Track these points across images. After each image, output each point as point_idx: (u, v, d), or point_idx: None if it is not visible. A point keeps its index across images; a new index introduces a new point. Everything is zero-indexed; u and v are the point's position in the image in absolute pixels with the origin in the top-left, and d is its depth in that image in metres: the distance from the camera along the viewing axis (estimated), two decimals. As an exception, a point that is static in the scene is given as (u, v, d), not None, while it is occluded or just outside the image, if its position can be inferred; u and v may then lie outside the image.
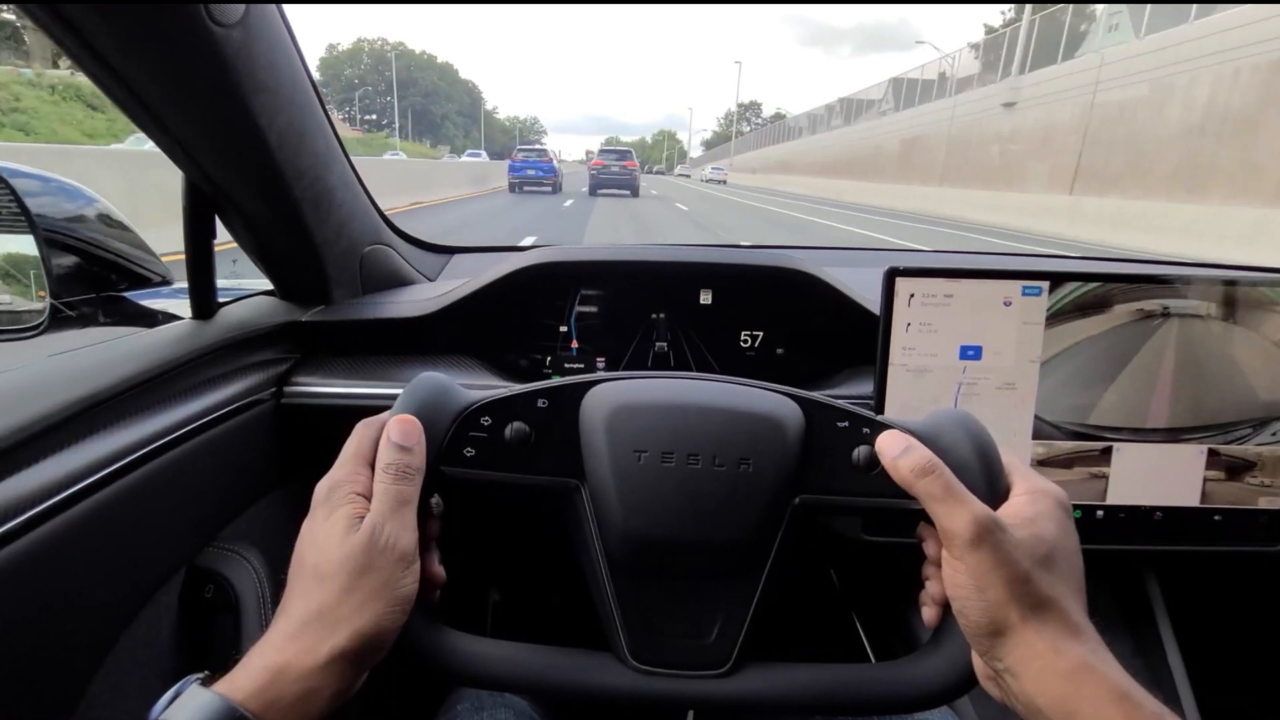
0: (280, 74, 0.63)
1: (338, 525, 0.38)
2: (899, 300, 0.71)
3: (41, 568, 0.45)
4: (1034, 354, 0.71)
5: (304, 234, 0.76)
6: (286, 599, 0.38)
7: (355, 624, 0.36)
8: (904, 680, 0.43)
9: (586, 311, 0.89)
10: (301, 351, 0.84)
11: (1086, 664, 0.35)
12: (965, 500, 0.38)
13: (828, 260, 0.98)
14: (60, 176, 0.76)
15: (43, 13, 0.46)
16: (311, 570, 0.38)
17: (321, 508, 0.39)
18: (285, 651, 0.35)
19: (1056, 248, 9.82)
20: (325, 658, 0.35)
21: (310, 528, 0.39)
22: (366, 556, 0.37)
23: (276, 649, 0.35)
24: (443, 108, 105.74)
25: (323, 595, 0.37)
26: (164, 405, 0.61)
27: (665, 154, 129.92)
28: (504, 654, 0.43)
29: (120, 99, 0.55)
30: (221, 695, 0.33)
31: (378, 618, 0.37)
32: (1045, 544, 0.38)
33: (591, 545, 0.44)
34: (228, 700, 0.33)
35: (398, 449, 0.40)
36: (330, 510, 0.39)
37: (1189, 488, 0.74)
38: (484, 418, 0.43)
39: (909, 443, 0.41)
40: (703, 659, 0.44)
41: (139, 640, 0.56)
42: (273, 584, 0.69)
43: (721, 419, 0.43)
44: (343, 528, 0.38)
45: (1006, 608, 0.36)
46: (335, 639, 0.36)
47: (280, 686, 0.34)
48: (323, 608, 0.36)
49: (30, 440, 0.48)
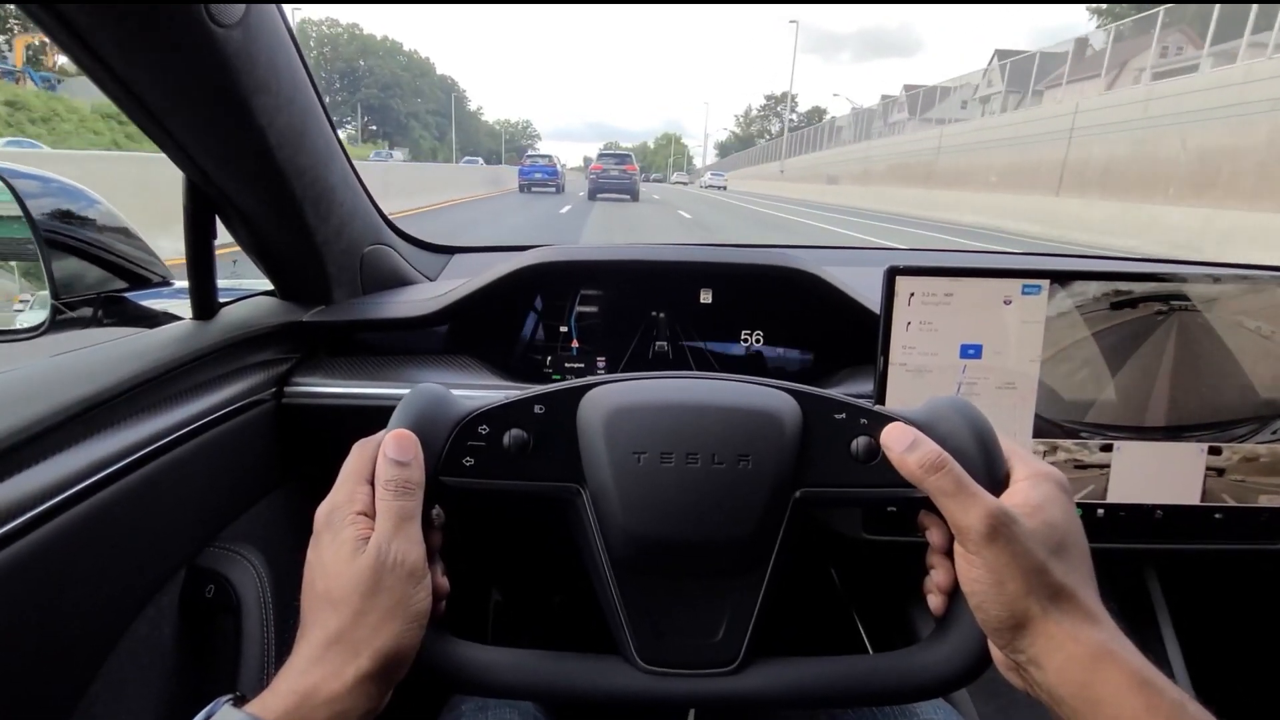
0: (280, 74, 0.63)
1: (344, 549, 0.38)
2: (899, 299, 0.71)
3: (43, 568, 0.45)
4: (1034, 353, 0.71)
5: (304, 234, 0.76)
6: (304, 626, 0.38)
7: (375, 645, 0.36)
8: (913, 669, 0.43)
9: (586, 311, 0.89)
10: (302, 351, 0.84)
11: (1107, 650, 0.35)
12: (976, 495, 0.38)
13: (828, 260, 0.98)
14: (61, 177, 0.76)
15: (43, 13, 0.46)
16: (323, 596, 0.37)
17: (325, 533, 0.39)
18: (311, 675, 0.35)
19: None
20: (352, 680, 0.35)
21: (316, 554, 0.39)
22: (376, 577, 0.37)
23: (302, 673, 0.35)
24: (409, 105, 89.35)
25: (339, 620, 0.36)
26: (165, 405, 0.61)
27: (671, 159, 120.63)
28: (514, 662, 0.43)
29: (120, 99, 0.55)
30: (254, 716, 0.33)
31: (396, 636, 0.37)
32: (1056, 531, 0.38)
33: (595, 548, 0.44)
34: None
35: (396, 464, 0.40)
36: (334, 534, 0.39)
37: (1190, 486, 0.74)
38: (481, 426, 0.43)
39: (916, 436, 0.41)
40: (711, 657, 0.44)
41: (140, 640, 0.56)
42: (274, 584, 0.69)
43: (719, 417, 0.43)
44: (349, 550, 0.38)
45: (1026, 600, 0.36)
46: (359, 662, 0.36)
47: (309, 709, 0.34)
48: (341, 632, 0.36)
49: (32, 440, 0.48)
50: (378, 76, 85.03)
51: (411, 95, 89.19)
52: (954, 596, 0.42)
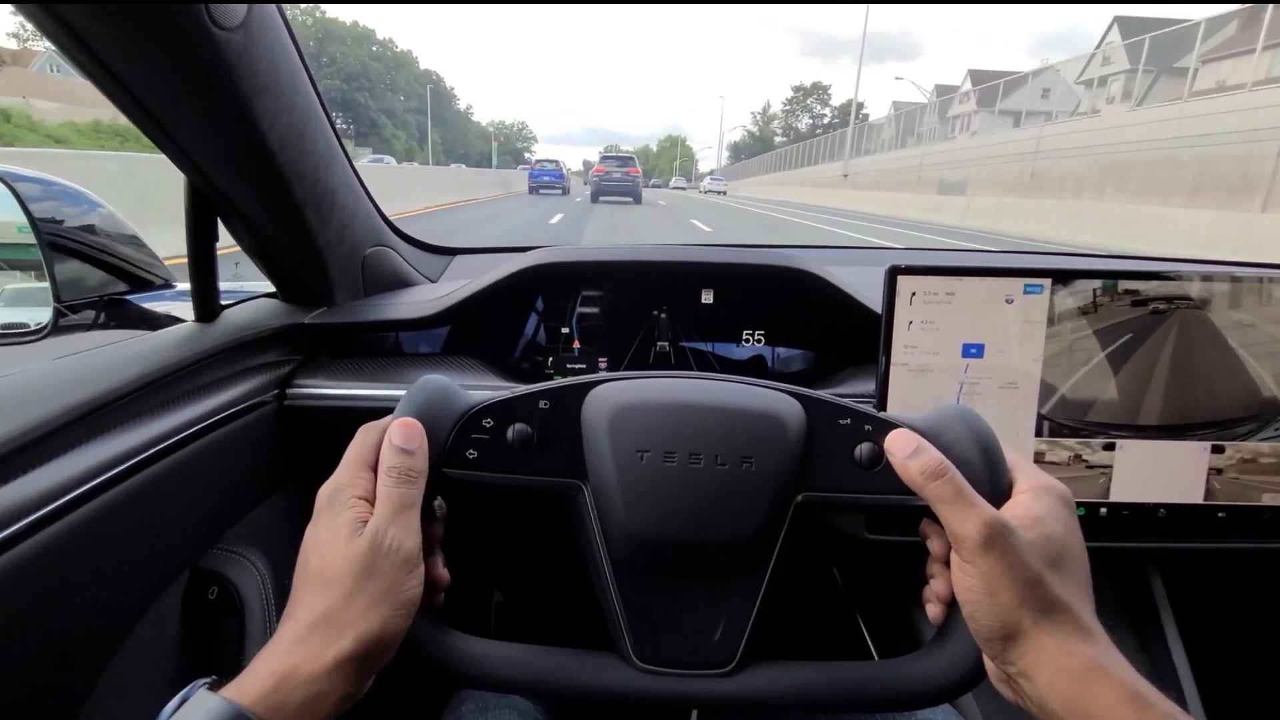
0: (281, 76, 0.63)
1: (341, 530, 0.38)
2: (900, 298, 0.71)
3: (47, 570, 0.45)
4: (1036, 353, 0.71)
5: (306, 236, 0.76)
6: (292, 604, 0.38)
7: (360, 628, 0.36)
8: (910, 677, 0.43)
9: (588, 312, 0.89)
10: (304, 353, 0.84)
11: (1099, 665, 0.35)
12: (975, 504, 0.38)
13: (829, 259, 0.98)
14: (63, 180, 0.77)
15: (44, 16, 0.46)
16: (316, 575, 0.38)
17: (325, 513, 0.40)
18: (292, 656, 0.35)
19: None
20: (331, 662, 0.35)
21: (314, 533, 0.40)
22: (370, 560, 0.37)
23: (283, 653, 0.35)
24: (383, 100, 77.21)
25: (328, 600, 0.37)
26: (167, 408, 0.61)
27: (677, 161, 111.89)
28: (509, 655, 0.43)
29: (121, 102, 0.55)
30: (229, 700, 0.33)
31: (383, 622, 0.37)
32: (1055, 544, 0.38)
33: (595, 546, 0.44)
34: (235, 705, 0.33)
35: (400, 452, 0.40)
36: (334, 515, 0.39)
37: (1192, 484, 0.74)
38: (486, 420, 0.44)
39: (919, 443, 0.41)
40: (707, 658, 0.44)
41: (143, 643, 0.56)
42: (276, 586, 0.69)
43: (723, 418, 0.43)
44: (346, 532, 0.38)
45: (1018, 611, 0.36)
46: (341, 643, 0.36)
47: (287, 691, 0.34)
48: (328, 612, 0.36)
49: (35, 443, 0.48)
50: (341, 66, 72.97)
51: (385, 90, 78.39)
52: (953, 606, 0.42)
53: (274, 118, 0.63)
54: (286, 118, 0.65)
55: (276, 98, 0.63)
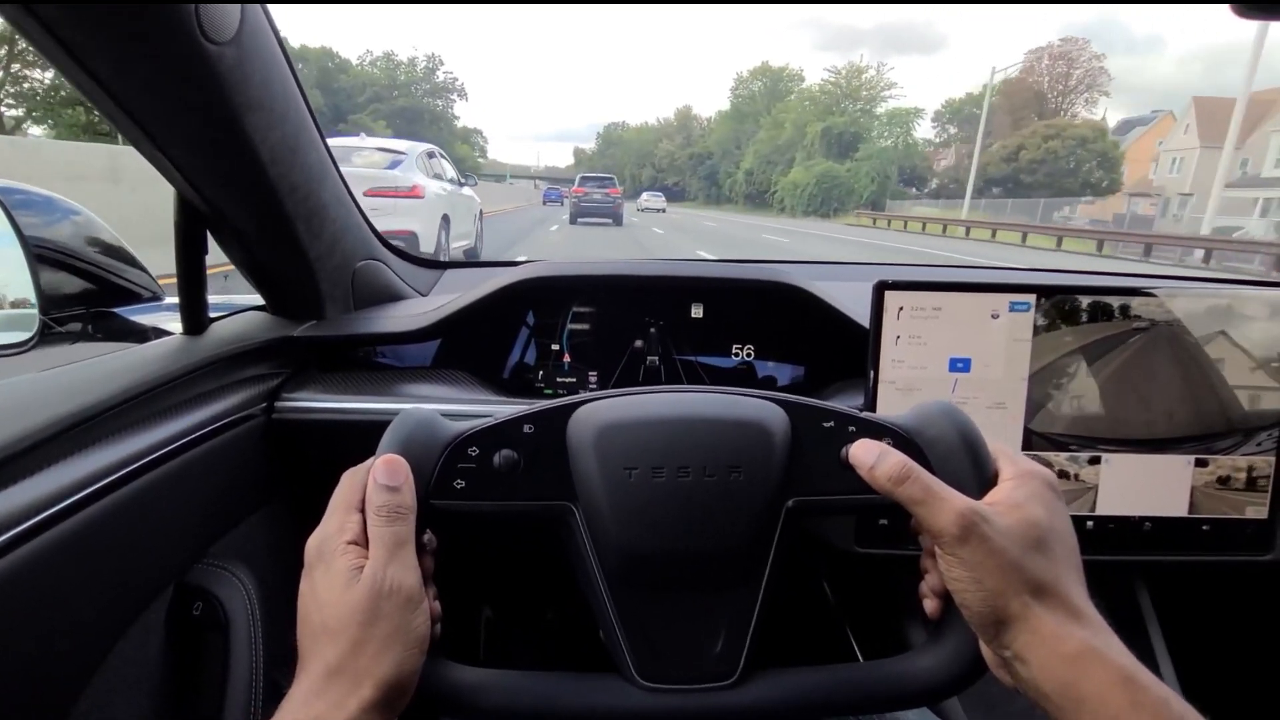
0: (273, 90, 0.63)
1: (338, 579, 0.37)
2: (888, 313, 0.71)
3: (29, 585, 0.45)
4: (1023, 371, 0.72)
5: (297, 250, 0.76)
6: (303, 660, 0.37)
7: (376, 674, 0.36)
8: (911, 674, 0.43)
9: (578, 327, 0.89)
10: (293, 366, 0.83)
11: (1090, 648, 0.35)
12: (945, 497, 0.38)
13: (818, 275, 0.99)
14: (52, 193, 0.76)
15: (34, 28, 0.46)
16: (320, 629, 0.37)
17: (317, 565, 0.38)
18: (313, 708, 0.34)
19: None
20: (355, 712, 0.35)
21: (309, 586, 0.38)
22: (373, 605, 0.36)
23: (304, 704, 0.35)
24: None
25: (338, 652, 0.36)
26: (154, 421, 0.61)
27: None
28: (513, 684, 0.43)
29: (112, 115, 0.55)
30: None
31: (398, 664, 0.36)
32: (1036, 528, 0.38)
33: (589, 566, 0.44)
34: None
35: (386, 490, 0.39)
36: (327, 566, 0.38)
37: (1177, 498, 0.75)
38: (471, 448, 0.43)
39: (880, 449, 0.41)
40: (710, 671, 0.43)
41: (126, 658, 0.55)
42: (262, 602, 0.68)
43: (708, 429, 0.43)
44: (344, 580, 0.37)
45: (1005, 595, 0.37)
46: (361, 692, 0.35)
47: None
48: (340, 664, 0.36)
49: (19, 456, 0.47)
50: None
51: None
52: (948, 600, 0.42)
53: (265, 132, 0.63)
54: (278, 132, 0.65)
55: (269, 112, 0.63)
